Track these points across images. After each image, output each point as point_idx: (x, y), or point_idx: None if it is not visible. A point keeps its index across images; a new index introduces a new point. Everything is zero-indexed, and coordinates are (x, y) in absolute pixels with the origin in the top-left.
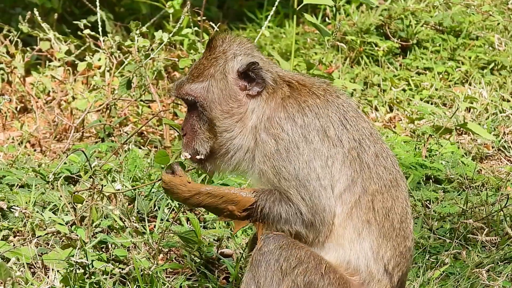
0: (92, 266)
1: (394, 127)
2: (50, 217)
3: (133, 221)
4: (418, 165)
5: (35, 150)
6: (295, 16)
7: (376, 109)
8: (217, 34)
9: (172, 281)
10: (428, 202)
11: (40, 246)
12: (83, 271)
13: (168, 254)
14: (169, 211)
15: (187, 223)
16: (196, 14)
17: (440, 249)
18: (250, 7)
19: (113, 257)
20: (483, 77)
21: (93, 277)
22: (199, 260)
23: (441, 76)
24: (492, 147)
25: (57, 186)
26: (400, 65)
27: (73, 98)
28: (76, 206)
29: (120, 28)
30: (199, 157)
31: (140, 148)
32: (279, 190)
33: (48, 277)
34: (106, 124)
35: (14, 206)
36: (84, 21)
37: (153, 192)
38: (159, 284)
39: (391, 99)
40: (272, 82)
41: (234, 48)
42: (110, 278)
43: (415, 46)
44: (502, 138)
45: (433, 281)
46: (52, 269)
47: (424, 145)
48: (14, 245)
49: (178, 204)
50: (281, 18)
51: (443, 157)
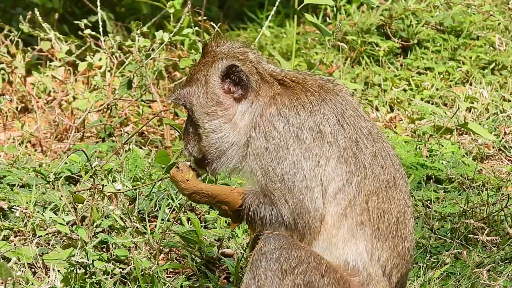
0: (93, 266)
1: (395, 127)
2: (51, 217)
3: (134, 221)
4: (419, 165)
5: (36, 150)
6: (296, 16)
7: (377, 109)
8: (211, 39)
9: (173, 281)
10: (429, 202)
11: (41, 246)
12: (84, 271)
13: (169, 254)
14: (170, 211)
15: (188, 223)
16: (197, 14)
17: (441, 249)
18: (251, 7)
19: (114, 257)
20: (484, 77)
21: (94, 277)
22: (200, 260)
23: (442, 76)
24: (493, 147)
25: (58, 186)
26: (401, 65)
27: (74, 98)
28: (77, 206)
29: (121, 28)
30: (193, 159)
31: (141, 148)
32: (265, 192)
33: (49, 277)
34: (107, 124)
35: (15, 206)
36: (85, 21)
37: (154, 192)
38: (160, 284)
39: (392, 99)
40: (255, 83)
41: (224, 52)
42: (111, 278)
43: (416, 46)
44: (503, 138)
45: (434, 281)
46: (53, 269)
47: (425, 145)
48: (15, 245)
49: (179, 204)
50: (282, 18)
51: (444, 157)
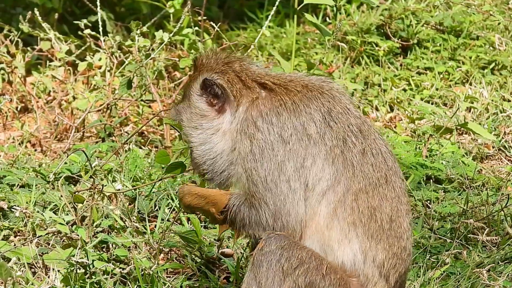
0: (93, 266)
1: (395, 127)
2: (51, 217)
3: (134, 221)
4: (419, 165)
5: (36, 150)
6: (296, 16)
7: (377, 109)
8: (200, 53)
9: (173, 281)
10: (429, 202)
11: (41, 246)
12: (84, 271)
13: (169, 254)
14: (170, 211)
15: (188, 223)
16: (197, 14)
17: (441, 249)
18: (251, 7)
19: (114, 257)
20: (484, 77)
21: (94, 277)
22: (200, 260)
23: (442, 76)
24: (493, 147)
25: (58, 186)
26: (401, 65)
27: (74, 98)
28: (77, 206)
29: (121, 28)
30: (193, 170)
31: (141, 148)
32: (247, 195)
33: (49, 277)
34: (107, 124)
35: (15, 206)
36: (85, 21)
37: (154, 192)
38: (160, 284)
39: (392, 99)
40: (235, 92)
41: (209, 65)
42: (111, 278)
43: (416, 46)
44: (503, 138)
45: (434, 281)
46: (53, 269)
47: (425, 145)
48: (15, 245)
49: (179, 204)
50: (282, 18)
51: (444, 157)
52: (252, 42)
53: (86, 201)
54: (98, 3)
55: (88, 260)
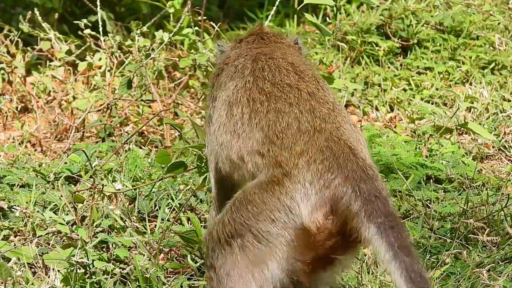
0: (93, 266)
1: (395, 127)
2: (51, 217)
3: (134, 221)
4: (419, 165)
5: (36, 150)
6: (296, 16)
7: (377, 109)
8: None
9: (173, 281)
10: (429, 202)
11: (41, 246)
12: (84, 271)
13: (169, 254)
14: (170, 211)
15: (188, 223)
16: (197, 14)
17: (441, 249)
18: (251, 7)
19: (114, 257)
20: (484, 77)
21: (94, 277)
22: (200, 260)
23: (442, 76)
24: (493, 147)
25: (58, 186)
26: (401, 65)
27: (74, 98)
28: (77, 206)
29: (121, 28)
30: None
31: (141, 148)
32: None
33: (49, 277)
34: (107, 124)
35: (15, 206)
36: (85, 21)
37: (154, 192)
38: (160, 284)
39: (392, 99)
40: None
41: None
42: (111, 278)
43: (416, 46)
44: (503, 138)
45: (434, 281)
46: (53, 269)
47: (425, 145)
48: (15, 245)
49: (179, 204)
50: (282, 18)
51: (444, 157)
52: None
53: (86, 201)
54: (98, 3)
55: (88, 260)
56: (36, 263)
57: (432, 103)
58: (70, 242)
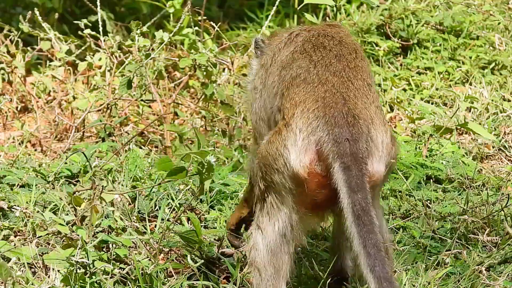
0: (93, 266)
1: (395, 127)
2: (51, 217)
3: (134, 221)
4: (419, 165)
5: (36, 150)
6: (296, 16)
7: None
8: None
9: (173, 281)
10: (429, 202)
11: (41, 246)
12: (84, 271)
13: (169, 254)
14: (170, 211)
15: (188, 223)
16: (197, 14)
17: (441, 249)
18: (251, 7)
19: (114, 257)
20: (484, 77)
21: (94, 277)
22: (200, 260)
23: (442, 76)
24: (493, 147)
25: (58, 187)
26: (401, 65)
27: (74, 98)
28: (77, 207)
29: (121, 28)
30: None
31: (141, 148)
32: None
33: (49, 277)
34: (107, 124)
35: (15, 206)
36: (85, 21)
37: (154, 192)
38: (160, 284)
39: (392, 99)
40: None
41: None
42: (111, 278)
43: (416, 46)
44: (503, 138)
45: (434, 281)
46: (53, 269)
47: (425, 145)
48: (15, 245)
49: (179, 204)
50: (282, 18)
51: (444, 157)
52: None
53: (87, 201)
54: (98, 3)
55: (88, 260)
56: (36, 263)
57: (432, 103)
58: (70, 242)
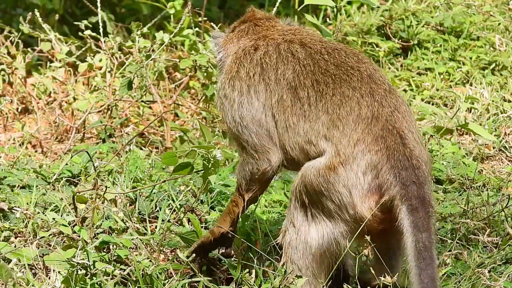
0: (94, 267)
1: None
2: (54, 218)
3: (134, 222)
4: None
5: (36, 151)
6: (296, 17)
7: None
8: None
9: (173, 282)
10: None
11: (42, 247)
12: (85, 272)
13: (169, 255)
14: (170, 212)
15: (188, 224)
16: (197, 15)
17: (442, 250)
18: None
19: (115, 258)
20: (484, 78)
21: (95, 278)
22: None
23: (442, 77)
24: (493, 148)
25: (58, 188)
26: (401, 66)
27: (74, 99)
28: (78, 207)
29: (121, 29)
30: None
31: (141, 149)
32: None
33: (49, 278)
34: (107, 125)
35: (15, 207)
36: (85, 22)
37: (154, 193)
38: (160, 285)
39: None
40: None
41: None
42: (111, 279)
43: (416, 47)
44: (503, 139)
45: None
46: (54, 270)
47: (425, 146)
48: (16, 246)
49: (179, 205)
50: (282, 19)
51: (444, 158)
52: None
53: (89, 200)
54: (99, 4)
55: (89, 261)
56: (37, 264)
57: (433, 104)
58: (71, 243)
